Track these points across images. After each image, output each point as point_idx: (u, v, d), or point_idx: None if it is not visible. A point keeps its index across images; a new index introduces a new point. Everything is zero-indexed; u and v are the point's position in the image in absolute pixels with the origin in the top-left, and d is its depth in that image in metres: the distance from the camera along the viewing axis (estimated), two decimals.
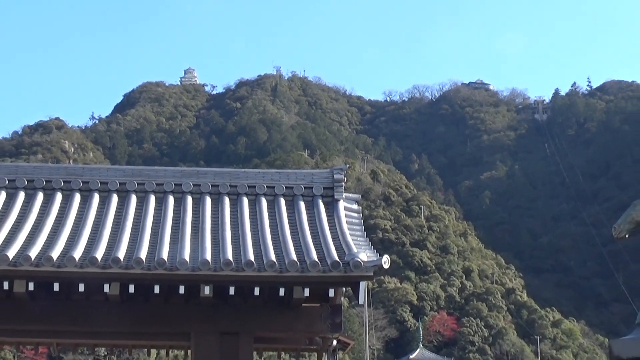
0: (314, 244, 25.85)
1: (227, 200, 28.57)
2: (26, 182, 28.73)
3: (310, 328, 26.34)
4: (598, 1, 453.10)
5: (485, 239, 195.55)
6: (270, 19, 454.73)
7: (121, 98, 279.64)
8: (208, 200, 28.55)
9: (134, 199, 28.49)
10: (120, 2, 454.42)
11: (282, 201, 28.56)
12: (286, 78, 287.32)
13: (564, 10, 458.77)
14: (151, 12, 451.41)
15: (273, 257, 24.87)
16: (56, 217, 27.34)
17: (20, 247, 24.89)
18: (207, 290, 24.23)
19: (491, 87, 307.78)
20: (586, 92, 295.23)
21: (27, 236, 25.87)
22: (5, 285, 24.09)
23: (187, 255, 24.72)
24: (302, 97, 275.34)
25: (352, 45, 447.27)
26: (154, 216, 27.57)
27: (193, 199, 28.65)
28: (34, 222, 26.89)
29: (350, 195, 29.93)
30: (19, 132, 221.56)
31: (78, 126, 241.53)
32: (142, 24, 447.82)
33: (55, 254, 24.45)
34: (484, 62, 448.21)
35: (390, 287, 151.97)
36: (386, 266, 24.74)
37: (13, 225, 26.61)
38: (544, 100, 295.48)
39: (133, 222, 27.18)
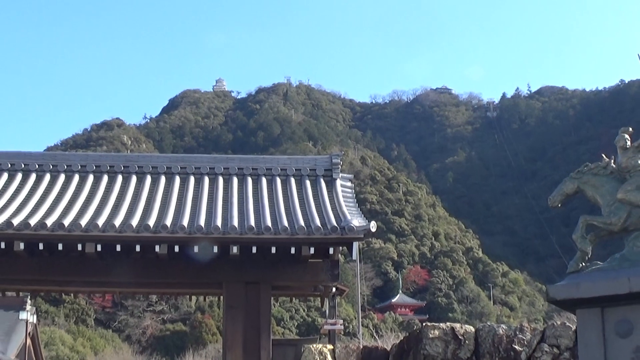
0: (317, 213, 25.89)
1: (249, 180, 28.60)
2: (94, 167, 28.82)
3: (315, 278, 26.38)
4: (535, 24, 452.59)
5: (450, 209, 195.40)
6: (281, 40, 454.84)
7: (167, 102, 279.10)
8: (235, 180, 28.58)
9: (177, 179, 28.54)
10: (164, 30, 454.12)
11: (292, 180, 28.60)
12: (294, 85, 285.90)
13: (510, 32, 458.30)
14: (191, 37, 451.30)
15: (286, 223, 24.90)
16: (117, 193, 27.41)
17: (90, 218, 24.97)
18: (235, 249, 24.27)
19: (453, 92, 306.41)
20: (527, 95, 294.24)
21: (96, 209, 25.94)
22: (79, 247, 24.15)
23: (219, 222, 24.76)
24: (307, 100, 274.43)
25: (346, 59, 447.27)
26: (193, 193, 27.61)
27: (223, 179, 28.68)
28: (101, 198, 26.96)
29: (345, 175, 30.01)
30: (88, 129, 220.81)
31: (134, 124, 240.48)
32: (183, 45, 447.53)
33: (117, 222, 24.53)
34: (448, 72, 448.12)
35: (376, 246, 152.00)
36: (373, 230, 24.81)
37: (85, 200, 26.68)
38: (494, 101, 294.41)
39: (177, 197, 27.23)
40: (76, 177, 28.29)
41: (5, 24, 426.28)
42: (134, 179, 28.45)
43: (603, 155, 11.73)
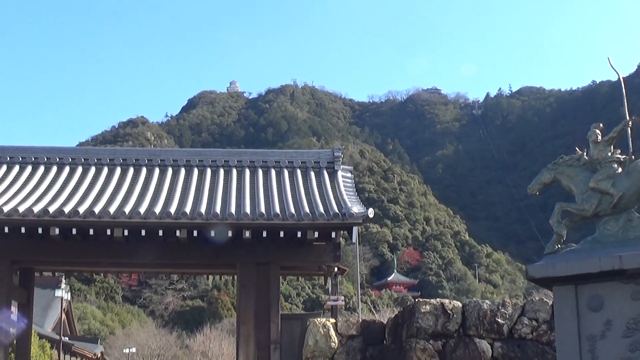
0: (321, 201, 25.89)
1: (260, 172, 28.60)
2: (121, 161, 28.87)
3: (319, 259, 26.39)
4: (516, 31, 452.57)
5: (439, 196, 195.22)
6: (288, 46, 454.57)
7: (186, 102, 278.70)
8: (247, 172, 28.58)
9: (196, 171, 28.56)
10: (183, 38, 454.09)
11: (299, 172, 28.60)
12: (300, 87, 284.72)
13: (493, 38, 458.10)
14: (207, 44, 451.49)
15: (293, 210, 24.90)
16: (142, 184, 27.44)
17: (118, 205, 25.00)
18: (247, 233, 24.27)
19: (442, 92, 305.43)
20: (508, 94, 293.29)
21: (123, 198, 25.97)
22: (108, 232, 24.20)
23: (233, 210, 24.77)
24: (311, 100, 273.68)
25: (346, 63, 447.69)
26: (209, 183, 27.63)
27: (237, 171, 28.68)
28: (127, 188, 26.99)
29: (345, 167, 29.97)
30: (116, 126, 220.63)
31: (157, 122, 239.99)
32: (200, 51, 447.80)
33: (142, 209, 24.56)
34: (437, 74, 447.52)
35: (374, 231, 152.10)
36: (371, 216, 24.81)
37: (113, 190, 26.72)
38: (479, 100, 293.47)
39: (195, 187, 27.25)
40: (105, 170, 28.34)
41: (44, 32, 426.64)
42: (156, 171, 28.48)
43: (577, 148, 11.76)
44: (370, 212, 24.67)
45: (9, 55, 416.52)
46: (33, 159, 28.47)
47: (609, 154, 11.25)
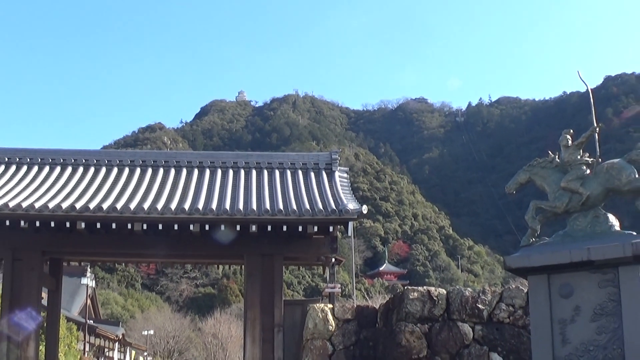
0: (320, 199, 25.87)
1: (265, 172, 28.57)
2: (141, 162, 28.83)
3: (318, 251, 26.36)
4: (494, 46, 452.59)
5: (426, 195, 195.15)
6: (290, 59, 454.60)
7: (199, 110, 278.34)
8: (254, 172, 28.55)
9: (207, 172, 28.53)
10: (197, 52, 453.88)
11: (300, 172, 28.56)
12: (301, 96, 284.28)
13: (475, 52, 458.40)
14: (218, 58, 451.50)
15: (295, 206, 24.89)
16: (159, 183, 27.42)
17: (138, 202, 24.97)
18: (253, 227, 24.24)
19: (429, 101, 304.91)
20: (488, 103, 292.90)
21: (142, 195, 25.95)
22: (129, 226, 24.18)
23: (241, 206, 24.76)
24: (311, 108, 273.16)
25: (343, 74, 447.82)
26: (220, 182, 27.61)
27: (244, 171, 28.65)
28: (146, 186, 26.96)
29: (342, 168, 29.89)
30: (136, 131, 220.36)
31: (172, 127, 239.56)
32: (212, 64, 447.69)
33: (159, 205, 24.53)
34: (425, 85, 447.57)
35: (367, 225, 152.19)
36: (365, 212, 24.78)
37: (133, 188, 26.71)
38: (462, 109, 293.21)
39: (207, 186, 27.24)
40: (126, 170, 28.33)
41: (74, 49, 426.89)
42: (172, 171, 28.46)
43: (549, 152, 11.81)
44: (364, 209, 24.67)
45: (44, 69, 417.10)
46: (62, 160, 28.49)
47: (579, 157, 11.30)
